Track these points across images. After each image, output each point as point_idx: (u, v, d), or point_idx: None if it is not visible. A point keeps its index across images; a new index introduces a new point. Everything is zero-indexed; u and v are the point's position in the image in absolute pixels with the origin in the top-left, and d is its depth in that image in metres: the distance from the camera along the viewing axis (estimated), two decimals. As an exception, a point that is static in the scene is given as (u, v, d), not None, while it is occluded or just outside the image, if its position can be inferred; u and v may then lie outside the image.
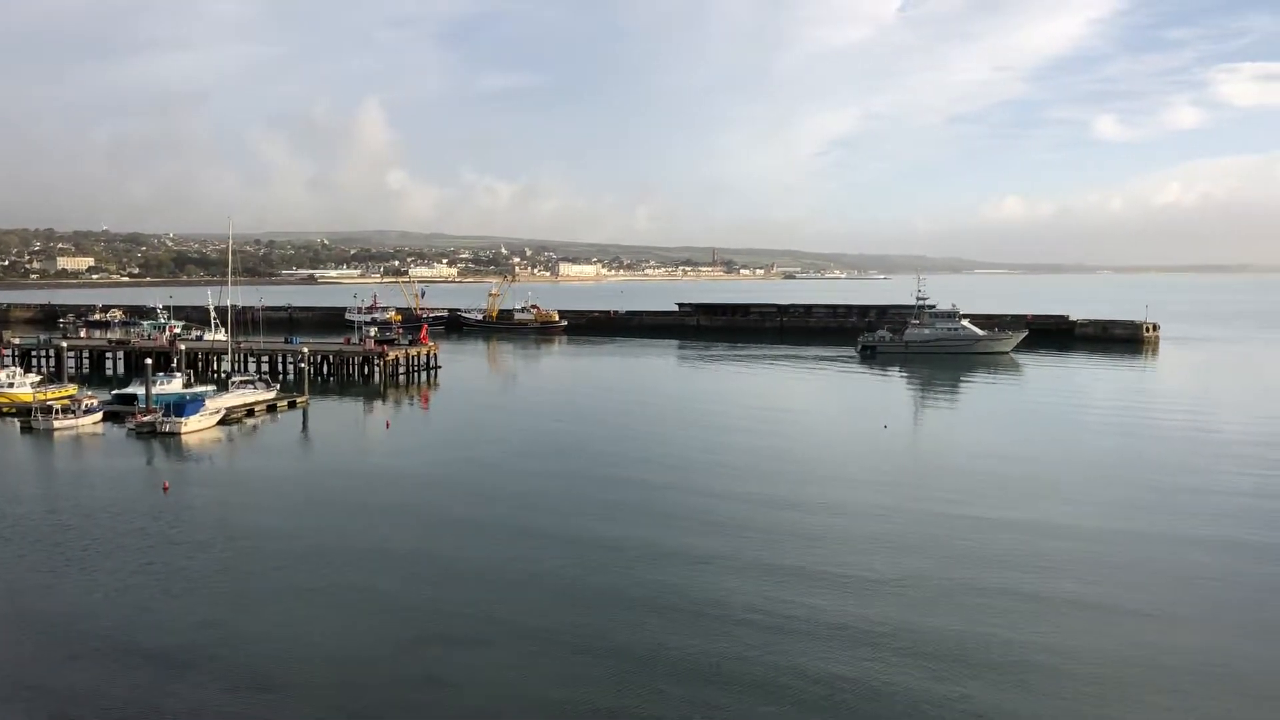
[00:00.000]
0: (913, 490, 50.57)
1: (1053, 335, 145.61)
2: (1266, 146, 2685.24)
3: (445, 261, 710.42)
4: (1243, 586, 35.45)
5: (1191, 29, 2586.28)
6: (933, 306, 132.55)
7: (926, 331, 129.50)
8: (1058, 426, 72.12)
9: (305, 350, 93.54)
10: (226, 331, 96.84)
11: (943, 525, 43.38)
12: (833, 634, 30.80)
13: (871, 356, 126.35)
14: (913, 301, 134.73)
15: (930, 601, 33.71)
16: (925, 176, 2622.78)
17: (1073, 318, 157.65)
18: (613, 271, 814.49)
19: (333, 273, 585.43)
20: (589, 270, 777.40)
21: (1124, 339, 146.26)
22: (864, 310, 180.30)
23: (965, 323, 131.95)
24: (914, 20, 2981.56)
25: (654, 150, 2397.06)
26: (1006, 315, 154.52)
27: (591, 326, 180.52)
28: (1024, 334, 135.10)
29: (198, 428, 68.59)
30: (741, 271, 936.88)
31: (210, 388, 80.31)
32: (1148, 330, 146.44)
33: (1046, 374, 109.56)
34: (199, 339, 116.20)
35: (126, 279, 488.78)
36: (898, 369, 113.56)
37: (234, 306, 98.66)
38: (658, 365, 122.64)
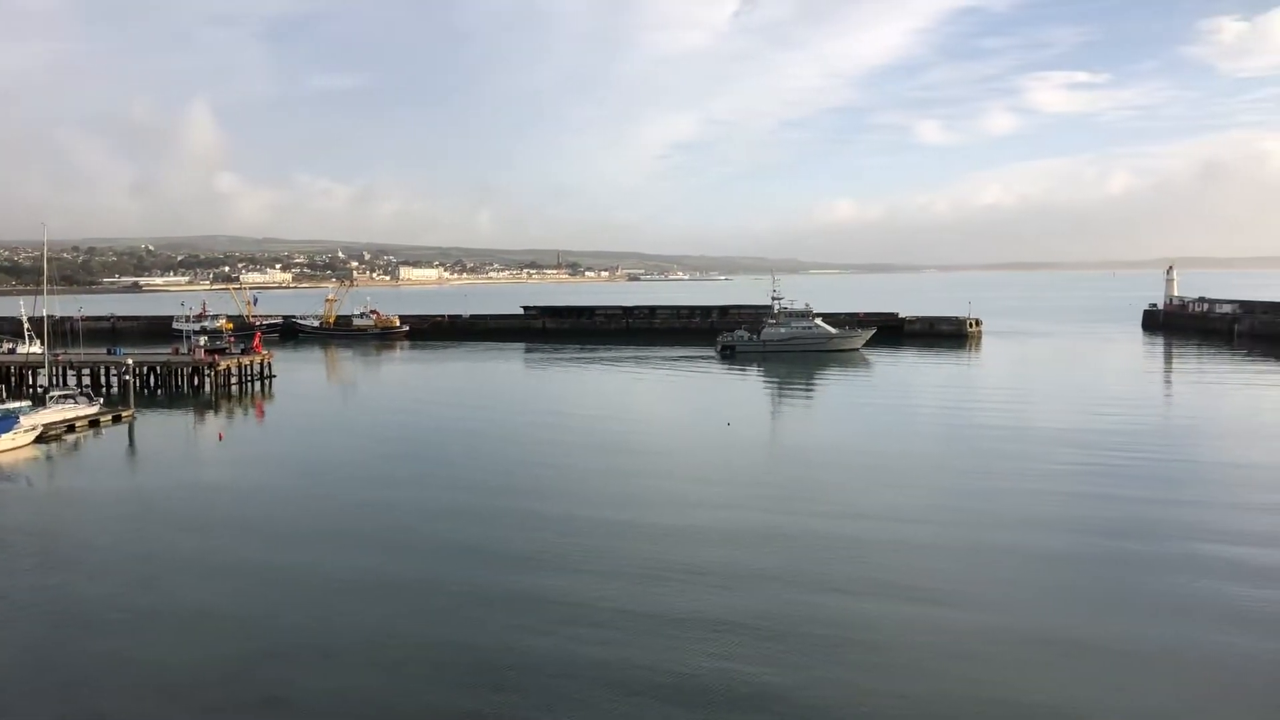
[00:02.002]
0: (740, 486, 51.54)
1: (884, 332, 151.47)
2: (1074, 150, 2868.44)
3: (279, 267, 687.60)
4: (1072, 575, 37.35)
5: (1005, 39, 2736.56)
6: (783, 305, 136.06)
7: (783, 330, 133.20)
8: (893, 419, 75.13)
9: (130, 362, 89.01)
10: (42, 343, 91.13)
11: (764, 520, 44.11)
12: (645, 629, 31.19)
13: (731, 356, 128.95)
14: (755, 302, 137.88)
15: (746, 592, 34.43)
16: (762, 179, 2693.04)
17: (902, 315, 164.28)
18: (455, 275, 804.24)
19: (159, 280, 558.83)
20: (431, 274, 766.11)
21: (949, 334, 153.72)
22: (706, 311, 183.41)
23: (819, 321, 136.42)
24: (747, 27, 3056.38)
25: (496, 152, 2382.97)
26: (841, 313, 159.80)
27: (434, 331, 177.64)
28: (873, 331, 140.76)
29: (11, 446, 64.33)
30: (587, 274, 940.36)
31: (25, 403, 75.32)
32: (971, 326, 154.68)
33: (888, 369, 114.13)
34: (11, 352, 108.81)
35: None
36: (756, 367, 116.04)
37: (50, 317, 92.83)
38: (504, 369, 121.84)
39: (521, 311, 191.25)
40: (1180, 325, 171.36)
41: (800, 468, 56.57)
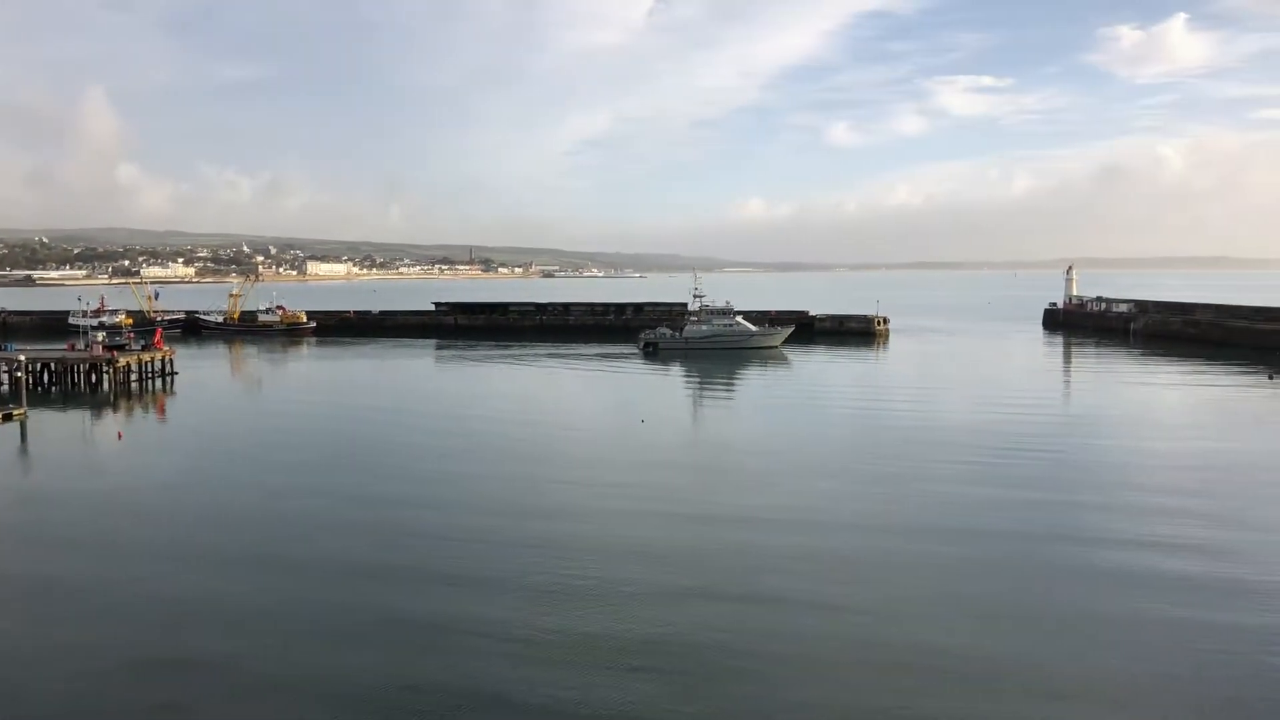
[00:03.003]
0: (646, 485, 51.24)
1: (795, 330, 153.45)
2: (979, 153, 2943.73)
3: (182, 261, 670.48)
4: (959, 575, 38.04)
5: (911, 43, 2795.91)
6: (705, 303, 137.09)
7: (705, 328, 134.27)
8: (803, 416, 76.11)
9: (22, 358, 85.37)
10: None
11: (669, 524, 43.77)
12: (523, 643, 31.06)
13: (654, 353, 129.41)
14: (670, 299, 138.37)
15: (645, 599, 33.76)
16: (676, 177, 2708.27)
17: (812, 313, 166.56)
18: (365, 270, 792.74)
19: (54, 274, 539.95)
20: (339, 269, 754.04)
21: (858, 332, 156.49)
22: (621, 308, 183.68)
23: (740, 319, 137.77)
24: (661, 26, 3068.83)
25: (407, 146, 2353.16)
26: (754, 312, 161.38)
27: (343, 327, 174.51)
28: (791, 329, 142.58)
29: (-109, 447, 61.27)
30: (500, 270, 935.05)
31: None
32: (879, 324, 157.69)
33: (804, 367, 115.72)
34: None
35: None
36: (678, 365, 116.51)
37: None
38: (414, 367, 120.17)
39: (433, 308, 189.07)
40: (1079, 324, 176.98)
41: (709, 466, 56.68)
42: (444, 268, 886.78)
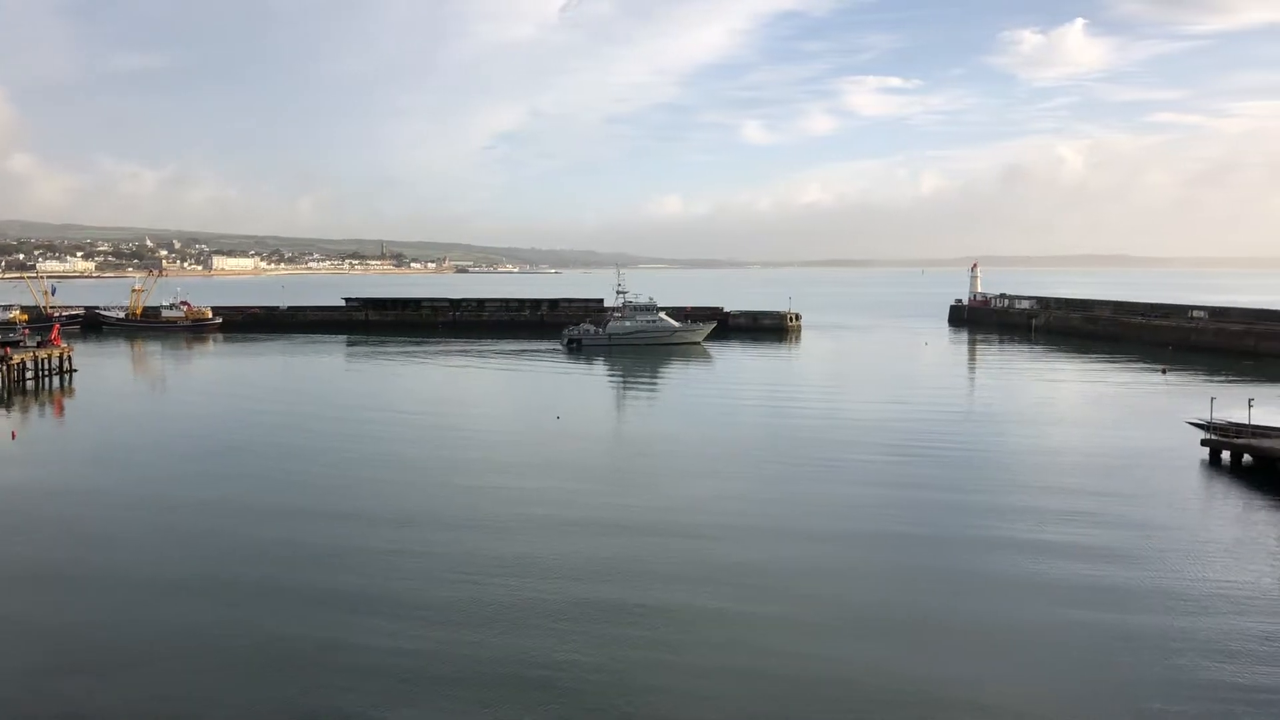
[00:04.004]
0: (557, 481, 51.11)
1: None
2: (888, 152, 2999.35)
3: (80, 255, 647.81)
4: (862, 580, 38.74)
5: (823, 42, 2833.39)
6: (628, 299, 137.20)
7: (628, 324, 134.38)
8: (718, 413, 76.70)
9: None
10: None
11: (577, 515, 43.89)
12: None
13: (577, 349, 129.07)
14: (586, 295, 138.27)
15: (551, 592, 33.82)
16: (591, 173, 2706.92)
17: (727, 310, 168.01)
18: (273, 265, 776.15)
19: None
20: (247, 264, 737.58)
21: (772, 328, 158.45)
22: (536, 304, 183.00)
23: (663, 315, 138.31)
24: (574, 21, 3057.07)
25: (317, 139, 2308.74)
26: (670, 308, 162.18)
27: (250, 323, 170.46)
28: (714, 325, 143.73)
29: None
30: (412, 265, 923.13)
31: None
32: (791, 320, 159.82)
33: (722, 362, 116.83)
34: None
35: None
36: (601, 361, 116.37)
37: None
38: (323, 364, 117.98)
39: (343, 303, 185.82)
40: (983, 320, 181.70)
41: (621, 460, 57.03)
42: (355, 263, 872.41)
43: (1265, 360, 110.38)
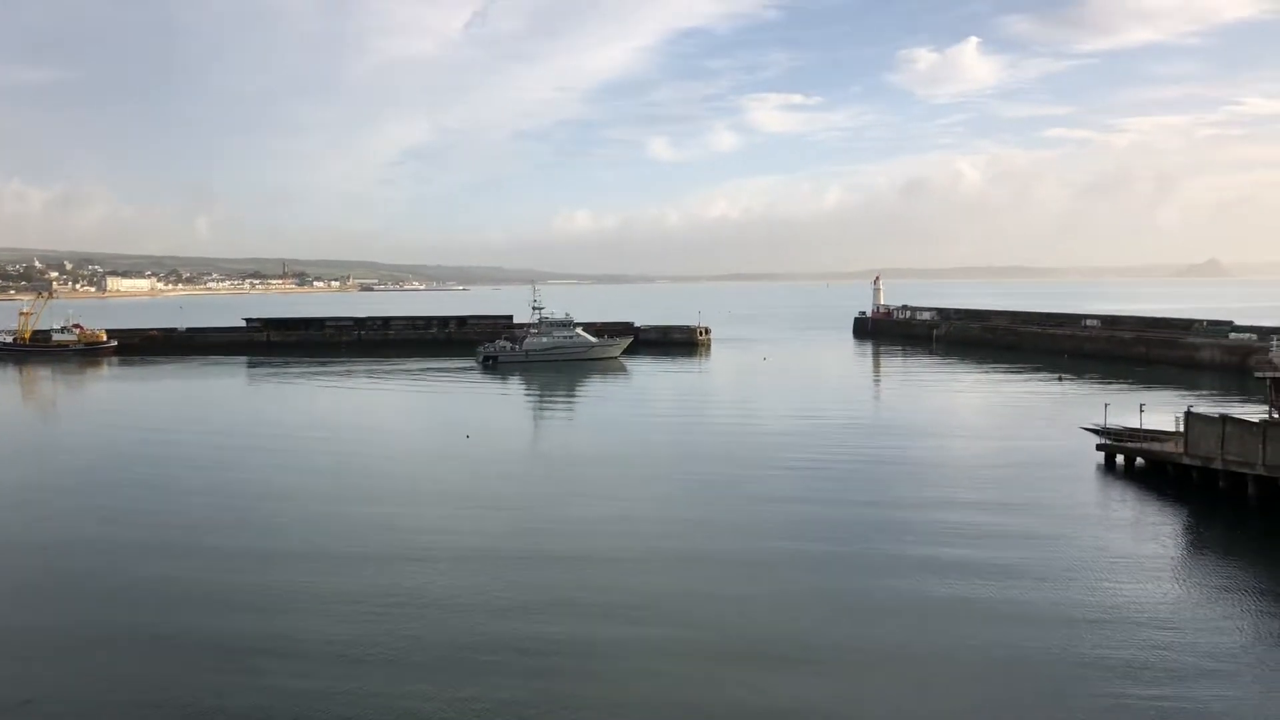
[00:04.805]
0: (458, 503, 49.85)
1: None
2: (792, 167, 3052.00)
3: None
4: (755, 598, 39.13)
5: (725, 60, 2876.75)
6: (545, 315, 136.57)
7: (545, 340, 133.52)
8: (630, 428, 76.67)
9: None
10: None
11: (475, 542, 42.58)
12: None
13: (493, 367, 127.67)
14: (495, 312, 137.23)
15: (441, 622, 32.68)
16: (498, 190, 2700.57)
17: (637, 324, 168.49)
18: (171, 286, 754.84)
19: None
20: (143, 284, 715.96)
21: (682, 342, 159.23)
22: (444, 321, 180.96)
23: (580, 330, 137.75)
24: (479, 38, 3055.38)
25: (216, 155, 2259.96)
26: (580, 324, 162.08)
27: (147, 346, 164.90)
28: (630, 339, 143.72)
29: None
30: (316, 284, 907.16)
31: None
32: (701, 334, 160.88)
33: (637, 377, 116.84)
34: None
35: None
36: (517, 378, 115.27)
37: None
38: (224, 386, 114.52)
39: (244, 324, 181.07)
40: (886, 331, 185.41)
41: (528, 483, 55.43)
42: (255, 282, 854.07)
43: (1155, 367, 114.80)
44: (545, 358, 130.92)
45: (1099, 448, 58.04)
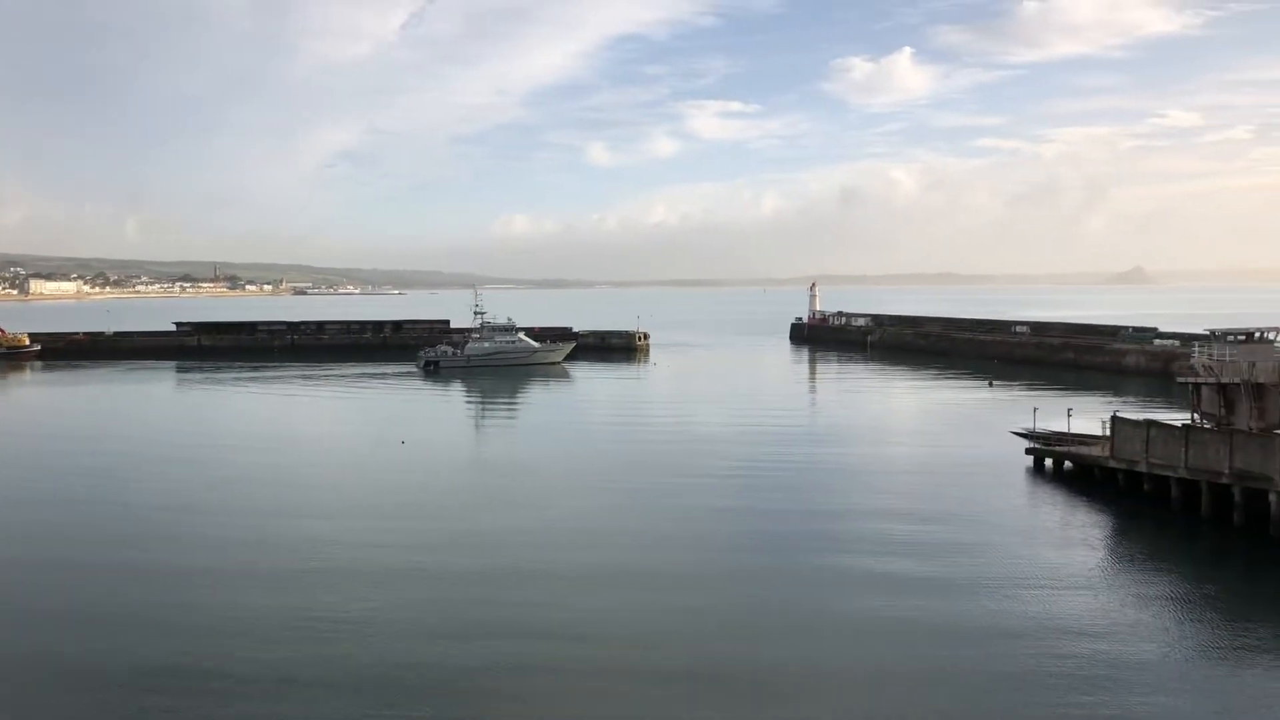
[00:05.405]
0: (385, 516, 48.21)
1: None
2: (730, 174, 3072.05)
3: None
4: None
5: (664, 66, 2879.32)
6: (487, 320, 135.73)
7: (487, 345, 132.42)
8: (568, 434, 76.58)
9: None
10: None
11: (399, 556, 41.15)
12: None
13: (434, 372, 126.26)
14: (431, 316, 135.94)
15: (359, 641, 31.09)
16: (435, 193, 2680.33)
17: (575, 329, 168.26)
18: (98, 289, 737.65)
19: None
20: (69, 287, 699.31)
21: (620, 347, 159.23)
22: (379, 325, 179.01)
23: (522, 335, 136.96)
24: (415, 40, 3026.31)
25: (146, 156, 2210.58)
26: (519, 328, 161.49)
27: (72, 350, 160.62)
28: (573, 345, 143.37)
29: None
30: (248, 287, 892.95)
31: None
32: (639, 339, 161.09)
33: (577, 382, 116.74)
34: None
35: None
36: (459, 382, 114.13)
37: None
38: (152, 392, 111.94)
39: (174, 328, 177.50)
40: (822, 337, 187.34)
41: (456, 494, 53.93)
42: (186, 285, 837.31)
43: (1083, 372, 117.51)
44: (487, 363, 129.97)
45: (1028, 451, 59.19)
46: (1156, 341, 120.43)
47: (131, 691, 27.53)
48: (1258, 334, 57.73)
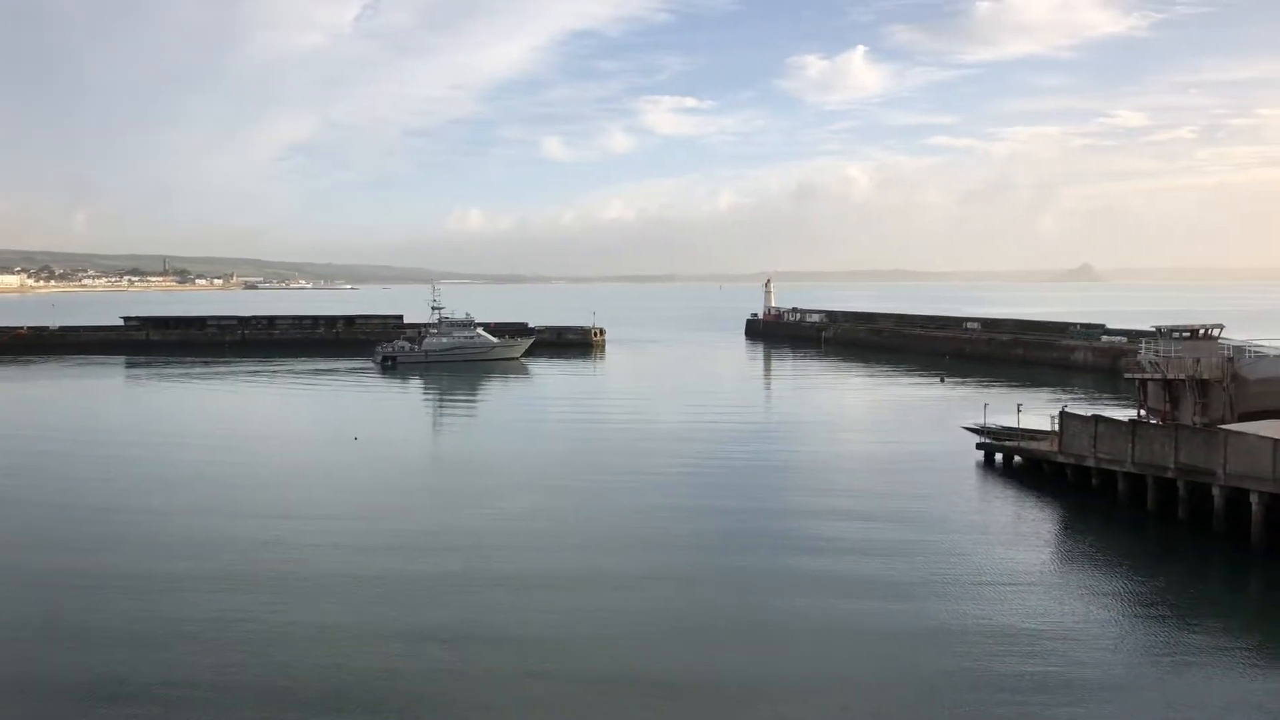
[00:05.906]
0: (330, 517, 46.80)
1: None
2: (686, 170, 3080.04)
3: None
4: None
5: (619, 62, 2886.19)
6: (445, 315, 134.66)
7: (445, 340, 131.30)
8: (522, 430, 76.18)
9: None
10: None
11: (341, 559, 40.40)
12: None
13: (392, 367, 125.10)
14: (384, 311, 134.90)
15: (300, 650, 29.98)
16: (389, 187, 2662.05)
17: (531, 325, 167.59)
18: (42, 282, 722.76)
19: None
20: (12, 281, 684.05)
21: (576, 343, 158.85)
22: (331, 321, 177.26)
23: (480, 331, 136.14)
24: (369, 32, 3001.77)
25: (93, 147, 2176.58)
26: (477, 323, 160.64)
27: (15, 345, 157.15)
28: (532, 340, 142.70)
29: None
30: (198, 281, 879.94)
31: None
32: (595, 335, 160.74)
33: (532, 378, 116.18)
34: None
35: None
36: (417, 378, 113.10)
37: None
38: (98, 388, 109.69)
39: (121, 322, 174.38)
40: (777, 333, 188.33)
41: (407, 494, 52.87)
42: (134, 279, 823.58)
43: (1033, 368, 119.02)
44: (445, 358, 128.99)
45: (979, 446, 59.76)
46: (1104, 338, 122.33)
47: (67, 703, 26.49)
48: (1202, 331, 58.79)
